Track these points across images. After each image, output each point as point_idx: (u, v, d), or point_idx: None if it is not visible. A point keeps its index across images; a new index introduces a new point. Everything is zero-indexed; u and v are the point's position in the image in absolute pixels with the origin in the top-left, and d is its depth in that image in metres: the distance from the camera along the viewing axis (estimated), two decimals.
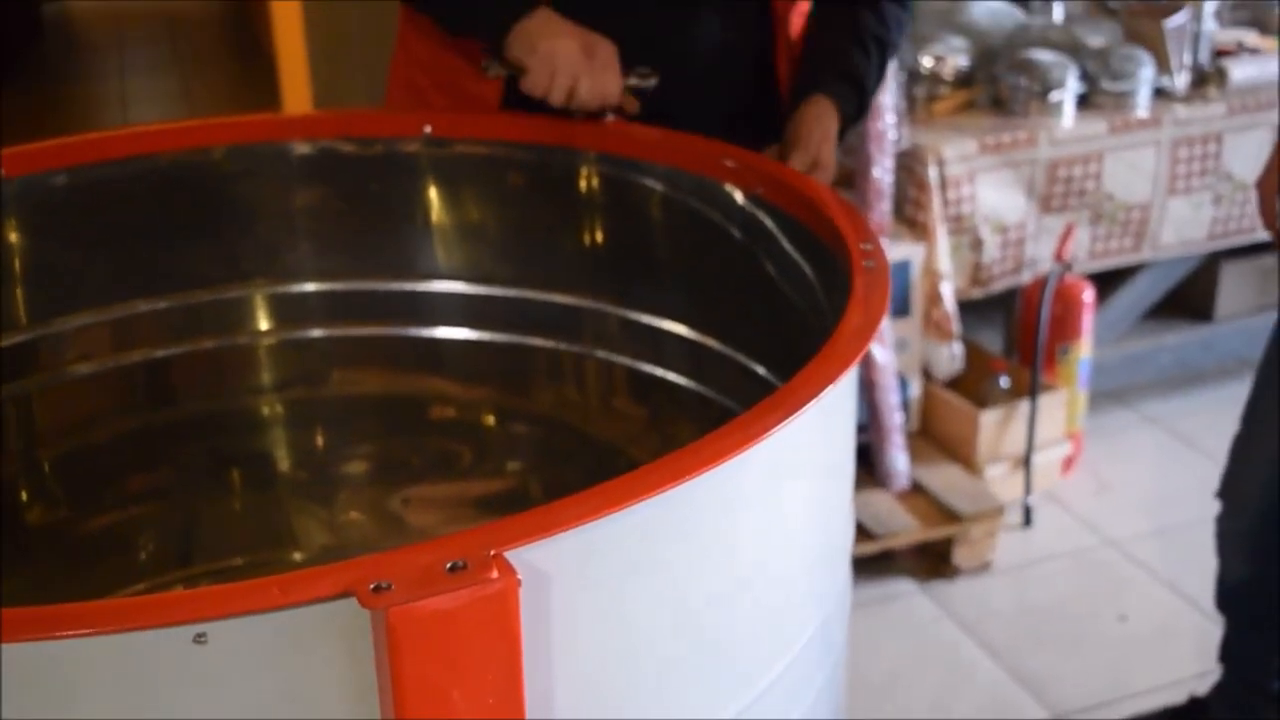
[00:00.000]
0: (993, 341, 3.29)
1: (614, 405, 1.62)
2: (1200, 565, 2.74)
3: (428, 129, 1.61)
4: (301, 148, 1.61)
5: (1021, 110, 2.97)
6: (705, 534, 0.94)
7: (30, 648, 0.76)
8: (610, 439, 1.61)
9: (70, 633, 0.75)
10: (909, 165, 2.86)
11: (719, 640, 0.99)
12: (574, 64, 1.50)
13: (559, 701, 0.87)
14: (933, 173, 2.84)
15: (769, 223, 1.37)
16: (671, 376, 1.51)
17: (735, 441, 0.91)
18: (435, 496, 1.74)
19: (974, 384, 3.02)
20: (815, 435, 1.05)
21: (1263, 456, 2.07)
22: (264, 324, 1.65)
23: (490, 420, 1.69)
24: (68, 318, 1.58)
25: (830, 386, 0.99)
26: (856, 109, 1.70)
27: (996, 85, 3.03)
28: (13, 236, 1.53)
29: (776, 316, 1.36)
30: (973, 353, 3.04)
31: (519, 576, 0.78)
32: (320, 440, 1.74)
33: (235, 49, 7.72)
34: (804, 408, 0.95)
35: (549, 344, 1.60)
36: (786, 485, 1.02)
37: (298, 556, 1.72)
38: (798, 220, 1.32)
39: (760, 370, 1.38)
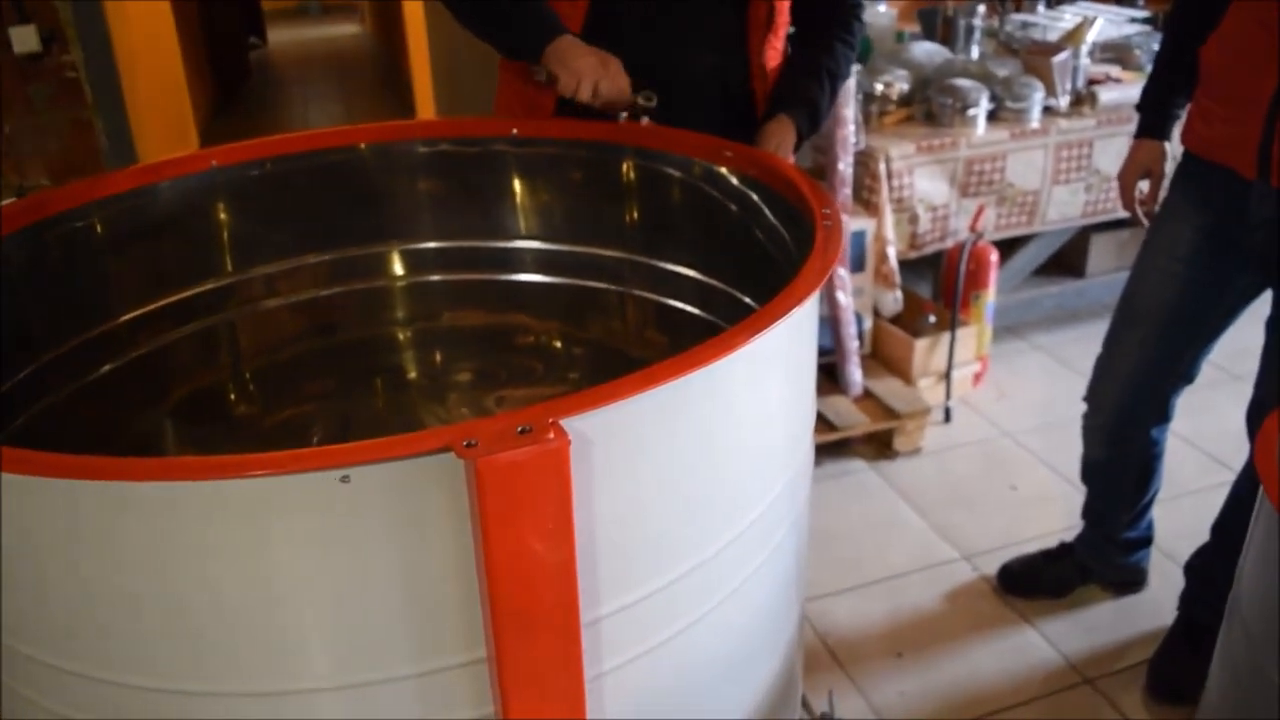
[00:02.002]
0: (924, 289, 3.27)
1: (645, 335, 1.61)
2: (1070, 451, 2.72)
3: (514, 132, 1.60)
4: (424, 146, 1.60)
5: (947, 122, 2.93)
6: (704, 412, 0.94)
7: (230, 483, 0.77)
8: (643, 357, 1.60)
9: (260, 473, 0.76)
10: (865, 161, 2.83)
11: (712, 490, 0.99)
12: (594, 71, 1.52)
13: (598, 530, 0.88)
14: (882, 167, 2.81)
15: (755, 197, 1.36)
16: (686, 307, 1.50)
17: (726, 346, 0.91)
18: (518, 397, 1.74)
19: (910, 320, 3.00)
20: (784, 343, 1.04)
21: (1117, 372, 2.06)
22: (398, 271, 1.66)
23: (557, 344, 1.69)
24: (258, 267, 1.58)
25: (796, 308, 0.98)
26: (810, 126, 1.69)
27: (929, 104, 2.98)
28: (221, 211, 1.55)
29: (761, 263, 1.35)
30: (909, 298, 3.02)
31: (570, 438, 0.79)
32: (438, 357, 1.74)
33: (384, 80, 7.72)
34: (775, 323, 0.95)
35: (599, 285, 1.59)
36: (763, 378, 1.02)
37: None
38: (777, 192, 1.31)
39: (749, 300, 1.37)
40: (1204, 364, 2.04)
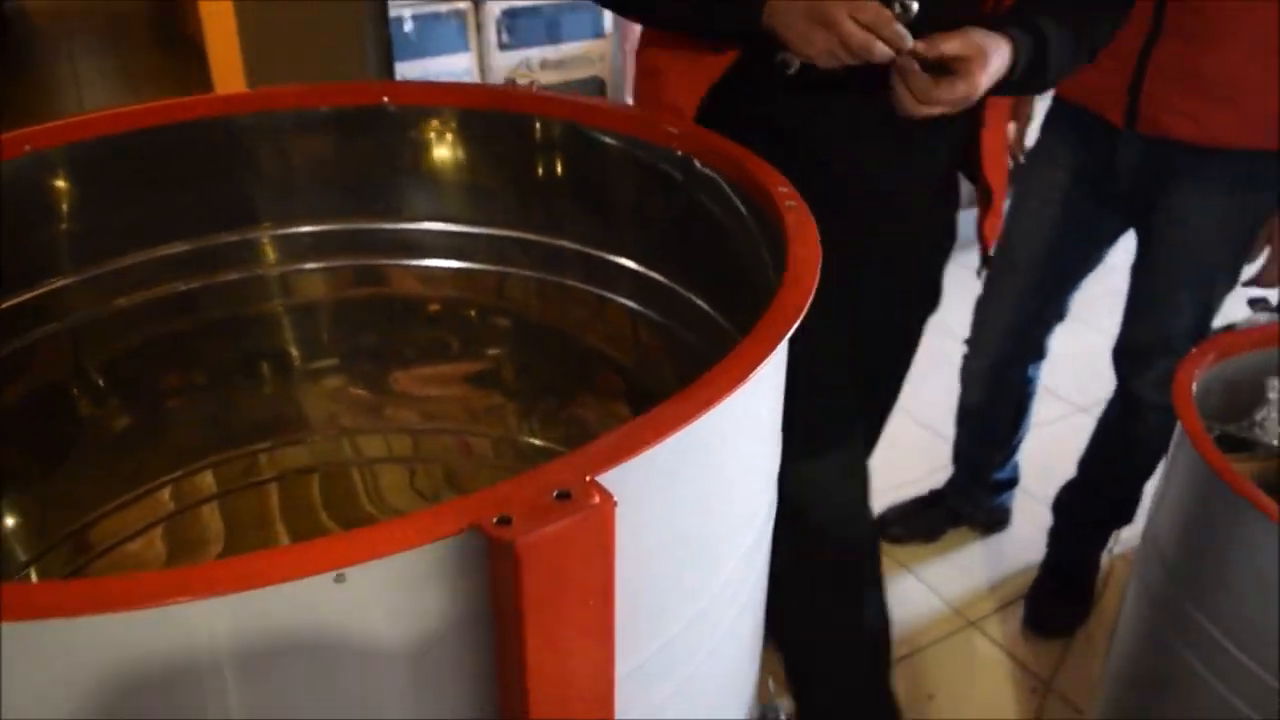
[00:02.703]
0: None
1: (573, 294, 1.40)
2: (926, 396, 2.72)
3: (385, 99, 1.37)
4: (292, 117, 1.36)
5: None
6: (712, 444, 0.80)
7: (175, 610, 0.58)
8: (563, 329, 1.42)
9: (216, 591, 0.57)
10: None
11: (725, 519, 0.87)
12: (825, 38, 1.17)
13: (632, 589, 0.73)
14: None
15: (699, 175, 1.18)
16: (624, 300, 1.31)
17: (741, 370, 0.76)
18: (427, 375, 1.51)
19: None
20: (782, 356, 0.91)
21: (998, 315, 2.04)
22: (271, 258, 1.42)
23: (471, 313, 1.46)
24: (105, 262, 1.32)
25: (799, 319, 0.83)
26: (1029, 65, 1.26)
27: None
28: (48, 202, 1.27)
29: (698, 252, 1.19)
30: None
31: (614, 499, 0.63)
32: (325, 336, 1.49)
33: (161, 35, 7.06)
34: (787, 333, 0.81)
35: (515, 270, 1.39)
36: (764, 398, 0.89)
37: (318, 438, 1.49)
38: (721, 171, 1.15)
39: (698, 301, 1.19)
40: None
